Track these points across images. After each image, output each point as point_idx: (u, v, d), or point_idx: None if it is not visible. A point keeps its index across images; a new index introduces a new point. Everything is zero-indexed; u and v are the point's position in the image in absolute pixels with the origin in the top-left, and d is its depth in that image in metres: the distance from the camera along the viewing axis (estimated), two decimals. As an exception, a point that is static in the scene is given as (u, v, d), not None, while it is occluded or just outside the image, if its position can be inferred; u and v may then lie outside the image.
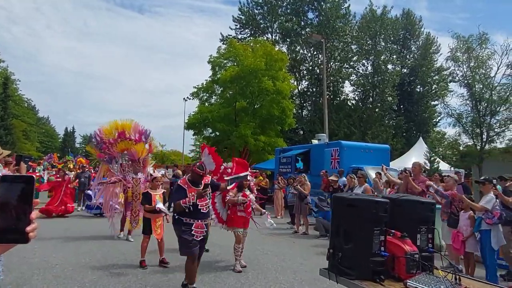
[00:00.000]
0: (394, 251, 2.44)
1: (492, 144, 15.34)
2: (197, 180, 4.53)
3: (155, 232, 5.67)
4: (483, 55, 15.34)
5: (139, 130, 7.83)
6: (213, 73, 26.10)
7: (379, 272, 2.37)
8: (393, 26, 33.17)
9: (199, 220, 4.40)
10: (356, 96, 34.85)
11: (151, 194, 5.79)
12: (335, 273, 2.53)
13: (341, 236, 2.52)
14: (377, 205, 2.49)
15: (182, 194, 4.35)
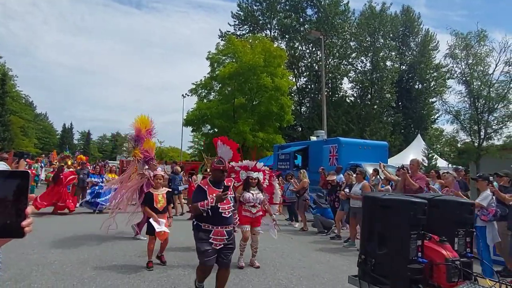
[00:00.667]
0: (432, 257, 2.22)
1: (490, 141, 15.38)
2: (219, 179, 4.02)
3: (158, 232, 5.30)
4: (482, 52, 15.34)
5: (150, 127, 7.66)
6: (212, 69, 26.06)
7: (417, 281, 2.16)
8: (392, 23, 33.15)
9: (219, 226, 3.83)
10: (355, 93, 34.92)
11: (153, 194, 5.46)
12: (367, 281, 2.30)
13: (374, 240, 2.30)
14: (415, 206, 2.26)
15: (202, 196, 3.86)
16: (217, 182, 3.99)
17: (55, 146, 51.48)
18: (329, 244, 7.86)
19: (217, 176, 4.05)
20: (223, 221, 3.86)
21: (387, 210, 2.28)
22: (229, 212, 3.93)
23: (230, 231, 3.98)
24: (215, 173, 4.06)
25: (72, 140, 69.64)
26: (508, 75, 14.86)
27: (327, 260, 6.32)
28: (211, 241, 3.78)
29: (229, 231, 3.94)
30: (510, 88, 14.86)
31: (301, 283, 4.91)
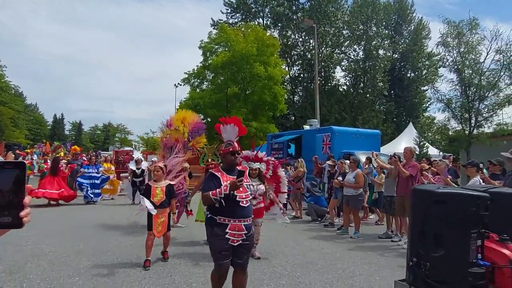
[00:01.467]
0: (493, 259, 1.97)
1: (480, 129, 15.58)
2: (231, 164, 3.52)
3: (155, 229, 4.97)
4: (473, 40, 15.43)
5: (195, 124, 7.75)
6: (204, 58, 25.87)
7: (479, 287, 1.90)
8: (385, 11, 33.07)
9: (237, 219, 3.27)
10: (347, 81, 34.98)
11: (151, 187, 5.08)
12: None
13: (428, 241, 2.03)
14: (478, 201, 1.97)
15: (215, 183, 3.32)
16: (230, 169, 3.47)
17: (46, 137, 50.90)
18: (322, 232, 7.97)
19: (229, 161, 3.51)
20: (241, 212, 3.31)
21: (443, 206, 1.98)
22: (247, 201, 3.38)
23: (250, 225, 3.38)
24: (226, 158, 3.54)
25: (63, 131, 68.82)
26: (499, 63, 14.99)
27: (320, 247, 6.42)
28: (228, 237, 3.23)
29: (248, 226, 3.35)
30: (500, 77, 15.01)
31: (295, 270, 4.99)
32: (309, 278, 4.68)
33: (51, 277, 4.46)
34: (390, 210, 7.44)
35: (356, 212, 7.72)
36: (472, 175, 5.62)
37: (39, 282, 4.27)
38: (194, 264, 5.19)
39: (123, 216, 7.19)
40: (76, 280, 4.37)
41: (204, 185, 3.51)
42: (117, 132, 77.49)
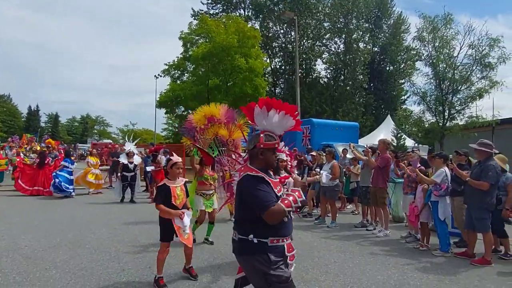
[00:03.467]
0: None
1: (453, 121, 16.16)
2: (268, 167, 2.57)
3: (181, 235, 3.97)
4: (448, 35, 15.88)
5: (227, 113, 7.18)
6: (185, 50, 25.59)
7: None
8: (366, 5, 33.39)
9: (289, 237, 2.50)
10: (328, 74, 35.31)
11: (170, 188, 4.05)
12: None
13: None
14: None
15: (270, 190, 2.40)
16: (266, 170, 2.54)
17: (21, 130, 49.29)
18: (301, 222, 8.16)
19: (269, 160, 2.55)
20: (289, 227, 2.50)
21: None
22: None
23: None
24: (266, 155, 2.53)
25: (39, 123, 66.72)
26: (471, 58, 15.50)
27: (298, 237, 6.59)
28: (289, 261, 2.44)
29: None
30: (472, 71, 15.53)
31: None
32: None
33: (27, 271, 4.44)
34: (366, 200, 7.69)
35: (332, 202, 7.94)
36: (438, 166, 5.87)
37: (15, 276, 4.25)
38: (173, 255, 5.25)
39: (101, 210, 7.14)
40: (53, 274, 4.37)
41: (262, 197, 2.32)
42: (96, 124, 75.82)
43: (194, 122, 7.07)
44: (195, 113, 7.20)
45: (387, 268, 4.93)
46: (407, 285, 4.30)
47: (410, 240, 6.45)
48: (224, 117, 7.04)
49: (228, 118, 7.06)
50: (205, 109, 7.08)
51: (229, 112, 7.14)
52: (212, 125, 7.04)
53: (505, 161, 5.73)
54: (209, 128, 7.05)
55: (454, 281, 4.49)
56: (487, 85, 15.20)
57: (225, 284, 4.19)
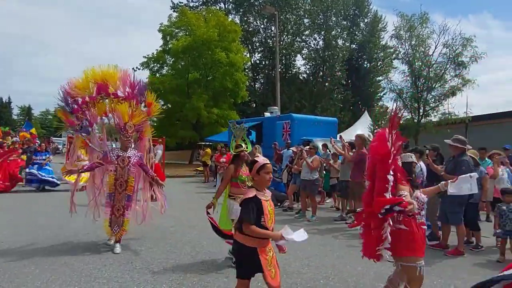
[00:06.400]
0: None
1: (428, 118, 16.74)
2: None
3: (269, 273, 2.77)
4: (423, 34, 16.38)
5: (130, 82, 5.42)
6: (164, 42, 25.17)
7: None
8: (344, 2, 33.79)
9: None
10: (307, 70, 35.61)
11: (261, 202, 2.76)
12: None
13: None
14: None
15: None
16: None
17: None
18: (282, 216, 8.26)
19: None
20: None
21: None
22: None
23: None
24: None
25: (10, 115, 63.84)
26: (445, 56, 16.05)
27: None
28: None
29: None
30: (446, 69, 16.10)
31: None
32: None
33: (4, 268, 4.31)
34: (345, 194, 7.88)
35: (312, 196, 8.08)
36: (415, 161, 6.08)
37: (-9, 273, 4.12)
38: (156, 249, 5.23)
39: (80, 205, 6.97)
40: (32, 270, 4.26)
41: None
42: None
43: (76, 89, 5.18)
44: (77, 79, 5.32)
45: (366, 260, 5.08)
46: (386, 275, 4.44)
47: (388, 232, 6.67)
48: (124, 88, 5.31)
49: (130, 92, 5.34)
50: (94, 72, 5.29)
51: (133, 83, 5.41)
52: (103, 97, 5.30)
53: (477, 156, 6.01)
54: (98, 103, 5.29)
55: (429, 271, 4.68)
56: (460, 83, 15.81)
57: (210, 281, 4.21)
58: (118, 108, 5.19)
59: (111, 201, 5.08)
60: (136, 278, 4.14)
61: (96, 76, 5.28)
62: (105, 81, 5.24)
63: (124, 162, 5.05)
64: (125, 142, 5.14)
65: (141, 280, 4.08)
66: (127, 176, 5.08)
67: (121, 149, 5.15)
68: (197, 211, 8.54)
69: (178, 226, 6.85)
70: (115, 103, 5.32)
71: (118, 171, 5.04)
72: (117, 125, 5.18)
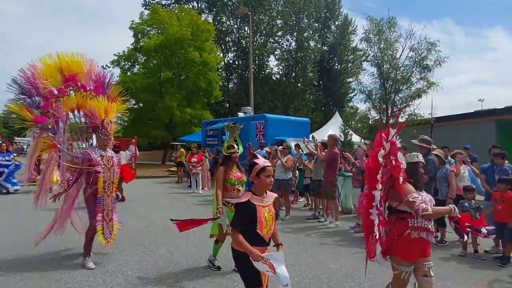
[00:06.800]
0: None
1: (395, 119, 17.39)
2: None
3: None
4: (391, 37, 17.03)
5: (96, 76, 4.91)
6: (136, 40, 24.63)
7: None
8: (316, 4, 34.41)
9: None
10: (280, 70, 35.97)
11: (256, 207, 2.58)
12: None
13: None
14: None
15: None
16: None
17: None
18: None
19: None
20: None
21: None
22: None
23: None
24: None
25: (-33, 114, 60.14)
26: (411, 59, 16.76)
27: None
28: None
29: None
30: (412, 72, 16.81)
31: (229, 251, 5.21)
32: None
33: (-34, 275, 4.10)
34: (318, 193, 8.06)
35: (286, 196, 8.20)
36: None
37: (-48, 281, 3.91)
38: (129, 251, 5.14)
39: (48, 210, 6.70)
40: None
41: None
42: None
43: (40, 77, 4.46)
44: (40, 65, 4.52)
45: (339, 257, 5.25)
46: (358, 272, 4.61)
47: (359, 230, 6.89)
48: (91, 82, 4.79)
49: (97, 86, 4.83)
50: (61, 60, 4.61)
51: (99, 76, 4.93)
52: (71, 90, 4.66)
53: (443, 155, 6.33)
54: (65, 95, 4.61)
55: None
56: (425, 86, 16.56)
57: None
58: (91, 104, 4.69)
59: (102, 206, 4.55)
60: (108, 281, 4.06)
61: (62, 63, 4.61)
62: (73, 71, 4.64)
63: (109, 163, 4.63)
64: (106, 141, 4.68)
65: (114, 283, 4.01)
66: (113, 177, 4.66)
67: (100, 149, 4.67)
68: (171, 212, 8.46)
69: (151, 227, 6.76)
70: (84, 98, 4.75)
71: (105, 173, 4.56)
72: (92, 123, 4.72)
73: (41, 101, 4.45)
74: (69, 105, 4.72)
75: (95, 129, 4.75)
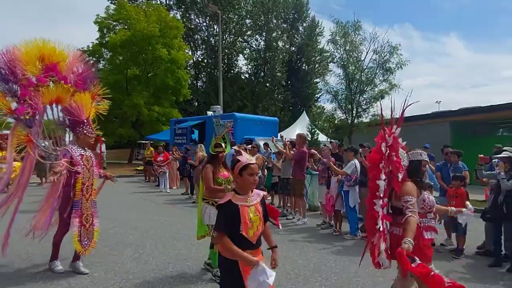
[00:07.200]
0: None
1: (360, 119, 18.06)
2: None
3: None
4: (356, 40, 17.64)
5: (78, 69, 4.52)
6: (101, 35, 23.77)
7: None
8: (284, 5, 34.83)
9: None
10: (249, 70, 36.10)
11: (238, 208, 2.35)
12: None
13: None
14: None
15: None
16: None
17: None
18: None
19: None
20: None
21: None
22: None
23: None
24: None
25: None
26: (375, 62, 17.46)
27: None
28: None
29: None
30: (376, 74, 17.52)
31: (199, 251, 5.23)
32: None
33: None
34: (286, 191, 8.22)
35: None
36: (350, 159, 6.60)
37: None
38: (95, 252, 5.00)
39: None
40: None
41: None
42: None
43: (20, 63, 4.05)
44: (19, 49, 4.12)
45: (306, 253, 5.42)
46: (324, 267, 4.80)
47: (325, 227, 7.13)
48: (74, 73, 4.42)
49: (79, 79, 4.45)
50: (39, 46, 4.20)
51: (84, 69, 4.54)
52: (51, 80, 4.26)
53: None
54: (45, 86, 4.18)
55: (362, 260, 5.13)
56: (387, 87, 17.32)
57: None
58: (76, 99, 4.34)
59: (79, 210, 4.20)
60: (73, 284, 3.96)
61: (44, 51, 4.19)
62: (55, 60, 4.24)
63: (88, 163, 4.30)
64: (89, 139, 4.37)
65: (80, 285, 3.92)
66: (92, 179, 4.33)
67: (80, 148, 4.32)
68: (139, 212, 8.33)
69: (118, 227, 6.63)
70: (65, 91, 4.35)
71: (84, 174, 4.21)
72: (73, 119, 4.34)
73: (18, 89, 4.02)
74: (48, 97, 4.24)
75: (75, 126, 4.34)
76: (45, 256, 4.52)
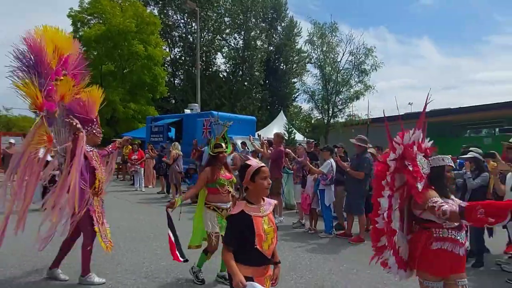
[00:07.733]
0: None
1: (336, 119, 18.40)
2: None
3: None
4: (333, 42, 17.95)
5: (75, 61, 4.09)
6: (75, 29, 23.01)
7: None
8: (263, 4, 34.93)
9: None
10: (227, 68, 35.95)
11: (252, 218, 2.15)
12: None
13: None
14: None
15: None
16: None
17: None
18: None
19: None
20: None
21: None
22: None
23: None
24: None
25: None
26: (351, 63, 17.83)
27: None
28: None
29: None
30: (352, 75, 17.89)
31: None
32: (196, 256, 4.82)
33: None
34: (263, 190, 8.24)
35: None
36: (326, 158, 6.71)
37: None
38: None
39: None
40: None
41: None
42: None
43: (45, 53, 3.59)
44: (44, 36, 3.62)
45: (282, 251, 5.47)
46: (299, 264, 4.87)
47: (296, 225, 7.21)
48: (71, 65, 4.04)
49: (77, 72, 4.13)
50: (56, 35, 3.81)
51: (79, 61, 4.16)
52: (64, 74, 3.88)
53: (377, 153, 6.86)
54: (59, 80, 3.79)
55: (336, 258, 5.25)
56: (362, 88, 17.74)
57: None
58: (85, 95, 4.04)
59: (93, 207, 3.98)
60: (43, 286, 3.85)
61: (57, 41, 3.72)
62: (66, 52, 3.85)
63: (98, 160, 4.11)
64: (97, 140, 4.20)
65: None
66: (103, 177, 4.17)
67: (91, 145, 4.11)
68: (112, 211, 8.13)
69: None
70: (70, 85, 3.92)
71: (100, 170, 4.06)
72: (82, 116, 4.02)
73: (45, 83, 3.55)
74: (60, 92, 3.82)
75: (83, 124, 4.01)
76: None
